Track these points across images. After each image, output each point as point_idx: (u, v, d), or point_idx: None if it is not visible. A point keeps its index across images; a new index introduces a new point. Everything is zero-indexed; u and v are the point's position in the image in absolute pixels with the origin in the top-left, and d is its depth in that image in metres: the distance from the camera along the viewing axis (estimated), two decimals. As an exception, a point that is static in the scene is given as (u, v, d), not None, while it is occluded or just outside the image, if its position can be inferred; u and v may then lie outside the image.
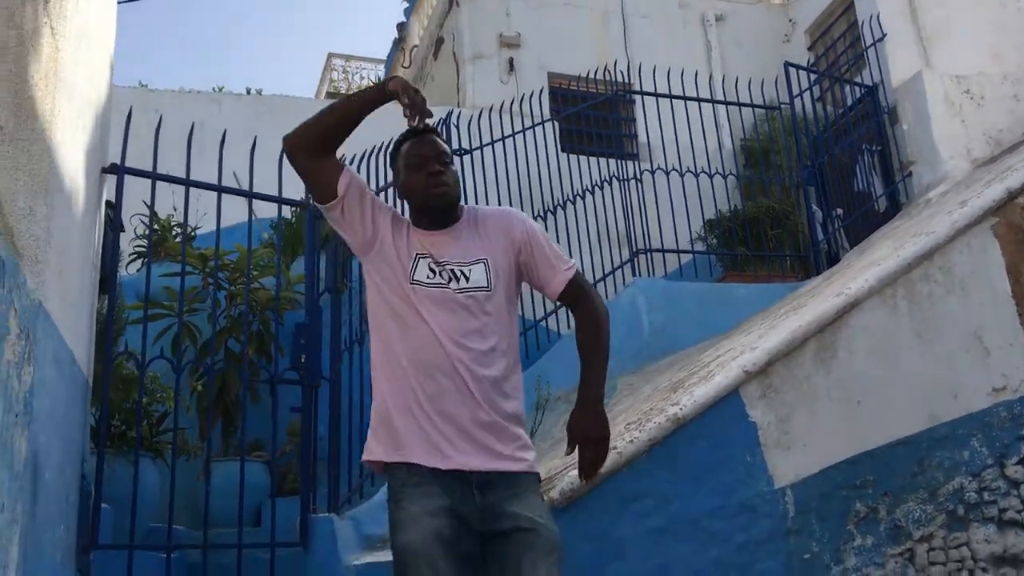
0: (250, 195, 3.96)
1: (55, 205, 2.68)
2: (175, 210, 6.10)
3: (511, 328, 2.46)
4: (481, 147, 6.70)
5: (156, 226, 6.19)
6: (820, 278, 6.42)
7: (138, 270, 6.49)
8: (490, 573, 2.24)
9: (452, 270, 2.35)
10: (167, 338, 5.16)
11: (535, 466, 2.40)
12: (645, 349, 6.63)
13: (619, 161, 7.74)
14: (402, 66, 11.60)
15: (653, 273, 7.35)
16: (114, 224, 3.69)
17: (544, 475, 4.03)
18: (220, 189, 3.88)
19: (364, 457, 2.43)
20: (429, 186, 2.37)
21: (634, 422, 4.09)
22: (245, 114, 8.57)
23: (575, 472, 3.79)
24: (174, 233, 6.50)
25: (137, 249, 6.44)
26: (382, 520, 4.23)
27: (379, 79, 14.49)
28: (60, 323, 2.77)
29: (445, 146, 2.46)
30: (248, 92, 9.31)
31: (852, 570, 4.00)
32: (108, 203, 3.66)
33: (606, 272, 7.08)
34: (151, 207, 3.83)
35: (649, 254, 7.32)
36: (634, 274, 7.22)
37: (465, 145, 6.79)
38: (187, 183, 3.77)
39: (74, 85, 2.95)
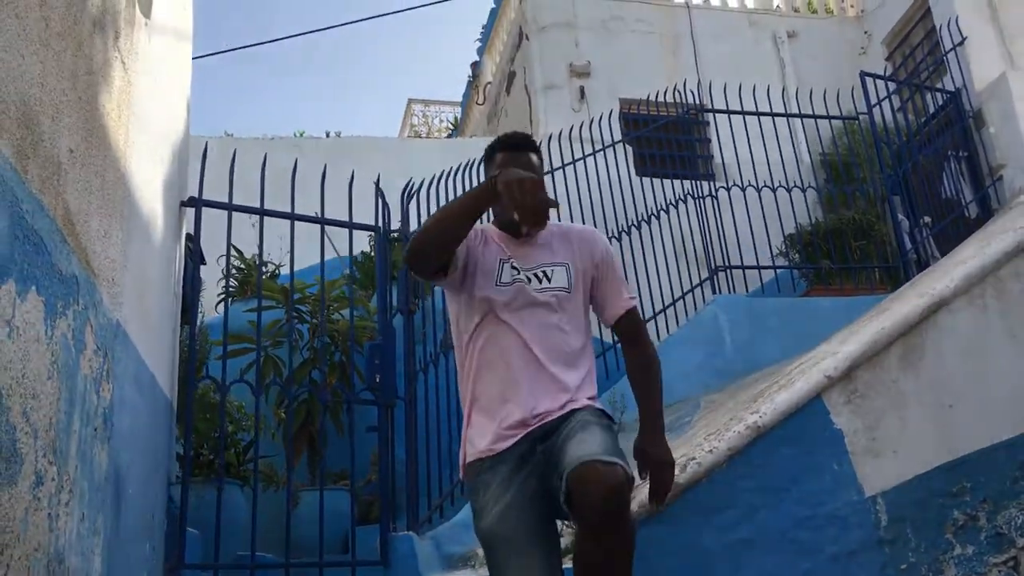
0: (322, 221, 4.05)
1: (131, 231, 2.79)
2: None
3: (586, 330, 2.57)
4: (552, 171, 6.72)
5: (241, 264, 6.37)
6: (907, 285, 6.24)
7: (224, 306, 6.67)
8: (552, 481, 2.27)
9: (536, 273, 2.46)
10: (252, 372, 5.28)
11: (593, 404, 2.49)
12: (728, 367, 6.53)
13: (693, 182, 7.68)
14: (476, 103, 11.76)
15: (733, 290, 7.25)
16: (194, 255, 3.81)
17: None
18: (293, 217, 3.98)
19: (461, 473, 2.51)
20: (536, 218, 2.38)
21: (713, 433, 4.01)
22: (325, 157, 8.78)
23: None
24: (264, 271, 6.68)
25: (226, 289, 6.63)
26: (462, 539, 4.23)
27: (456, 119, 14.71)
28: (140, 345, 2.87)
29: (537, 164, 2.54)
30: (327, 135, 9.56)
31: (953, 581, 3.82)
32: (188, 235, 3.79)
33: (684, 291, 6.99)
34: (228, 239, 3.96)
35: (728, 271, 7.22)
36: (713, 292, 7.13)
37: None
38: (261, 212, 3.88)
39: (148, 119, 3.07)
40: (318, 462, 5.35)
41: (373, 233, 4.53)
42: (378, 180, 4.48)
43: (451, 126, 15.09)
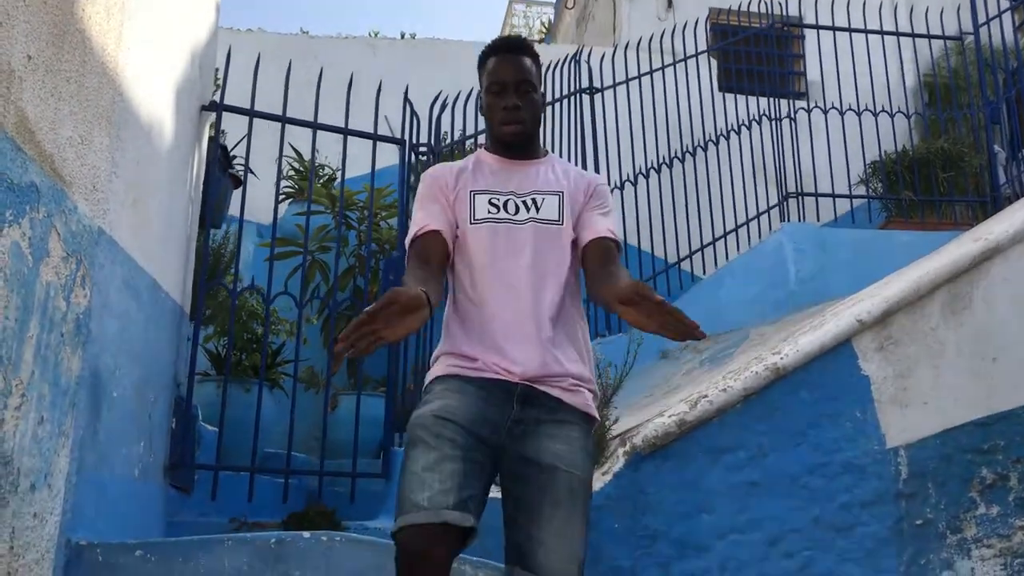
0: (345, 132, 4.00)
1: (124, 138, 2.79)
2: (317, 152, 6.33)
3: (575, 271, 2.26)
4: (627, 81, 6.46)
5: (300, 167, 6.40)
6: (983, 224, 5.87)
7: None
8: (504, 507, 2.12)
9: (524, 201, 2.22)
10: (298, 274, 5.34)
11: (588, 404, 2.20)
12: (790, 299, 6.30)
13: (780, 101, 7.28)
14: (566, 7, 11.43)
15: (804, 219, 6.96)
16: (220, 162, 3.83)
17: (627, 425, 3.91)
18: (315, 126, 3.95)
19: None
20: (503, 121, 2.24)
21: (733, 371, 3.88)
22: (401, 59, 8.69)
23: (660, 419, 3.66)
24: (320, 176, 6.71)
25: (285, 190, 6.69)
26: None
27: (550, 22, 14.35)
28: (135, 251, 2.90)
29: (531, 69, 2.26)
30: (402, 36, 9.43)
31: (971, 540, 3.66)
32: (217, 139, 3.80)
33: (749, 216, 6.74)
34: (248, 144, 3.95)
35: (801, 198, 6.92)
36: (782, 219, 6.85)
37: (610, 80, 6.58)
38: (283, 120, 3.86)
39: (154, 22, 3.04)
40: (357, 367, 5.43)
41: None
42: (406, 91, 4.39)
43: (544, 30, 14.74)
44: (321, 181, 6.49)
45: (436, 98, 4.42)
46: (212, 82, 3.83)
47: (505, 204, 2.23)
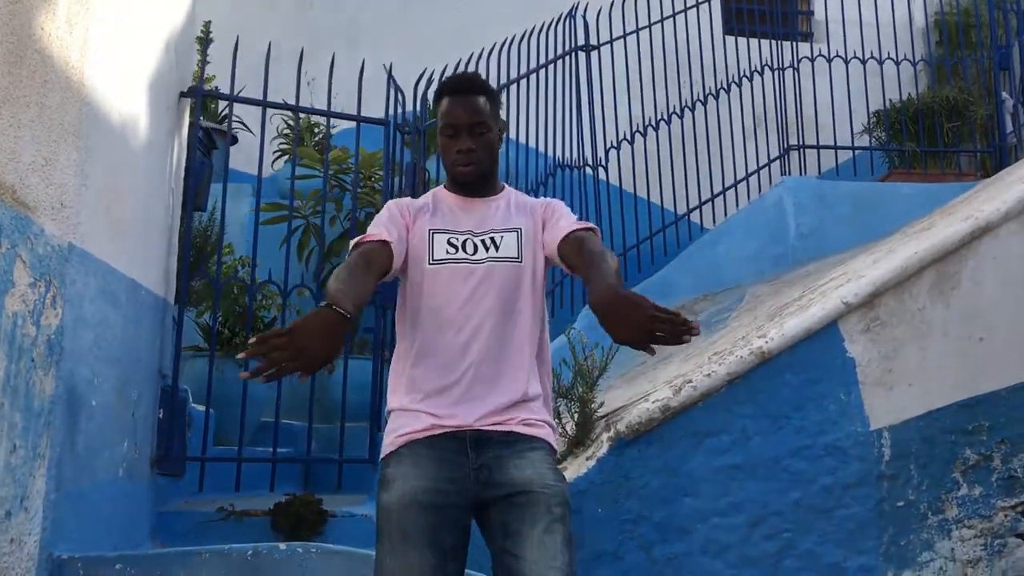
0: (328, 114, 3.96)
1: (95, 146, 2.77)
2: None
3: (537, 311, 2.23)
4: (637, 30, 6.30)
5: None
6: (993, 179, 5.78)
7: (280, 169, 6.70)
8: (493, 538, 2.14)
9: (483, 240, 2.20)
10: (293, 240, 5.32)
11: (548, 437, 2.19)
12: (789, 254, 6.25)
13: (781, 44, 7.09)
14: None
15: (805, 171, 6.87)
16: (203, 143, 3.80)
17: (612, 407, 3.94)
18: (297, 109, 3.90)
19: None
20: (457, 163, 2.23)
21: (719, 353, 3.88)
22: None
23: (644, 404, 3.68)
24: (316, 133, 6.64)
25: (281, 147, 6.65)
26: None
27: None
28: (111, 256, 2.91)
29: (485, 108, 2.23)
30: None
31: (952, 521, 3.70)
32: (196, 125, 3.76)
33: (749, 171, 6.65)
34: (228, 131, 3.91)
35: (802, 151, 6.82)
36: (782, 173, 6.77)
37: (616, 32, 6.41)
38: (264, 104, 3.81)
39: (122, 21, 3.00)
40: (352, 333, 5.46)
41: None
42: (390, 68, 4.30)
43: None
44: (316, 139, 6.43)
45: (421, 75, 4.34)
46: (193, 65, 3.77)
47: (464, 244, 2.21)
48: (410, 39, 7.36)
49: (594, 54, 5.95)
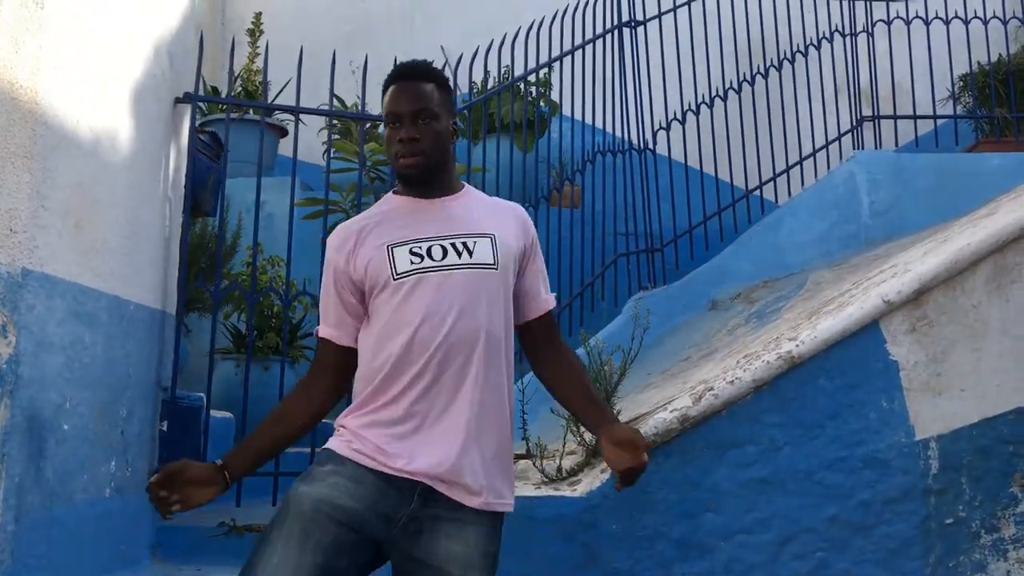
0: (330, 114, 3.82)
1: (56, 166, 2.70)
2: (358, 98, 6.15)
3: (511, 324, 2.08)
4: (674, 9, 5.96)
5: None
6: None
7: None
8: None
9: (453, 243, 2.00)
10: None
11: (498, 504, 2.01)
12: (861, 234, 5.85)
13: (854, 6, 6.58)
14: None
15: (880, 144, 6.41)
16: (209, 148, 3.73)
17: (636, 413, 3.70)
18: (298, 111, 3.78)
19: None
20: (398, 155, 2.02)
21: (748, 355, 3.60)
22: None
23: (662, 414, 3.44)
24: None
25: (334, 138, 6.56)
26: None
27: None
28: (83, 275, 2.85)
29: (432, 95, 2.04)
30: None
31: (1009, 541, 3.35)
32: (200, 130, 3.69)
33: (817, 147, 6.22)
34: (226, 139, 3.79)
35: (877, 121, 6.35)
36: (854, 146, 6.33)
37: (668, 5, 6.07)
38: (265, 106, 3.71)
39: (89, 34, 2.91)
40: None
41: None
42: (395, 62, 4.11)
43: None
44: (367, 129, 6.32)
45: (458, 60, 4.16)
46: (193, 67, 3.68)
47: (429, 251, 2.00)
48: (466, 21, 7.16)
49: (641, 29, 5.63)
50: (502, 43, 4.84)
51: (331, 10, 7.71)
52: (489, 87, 5.46)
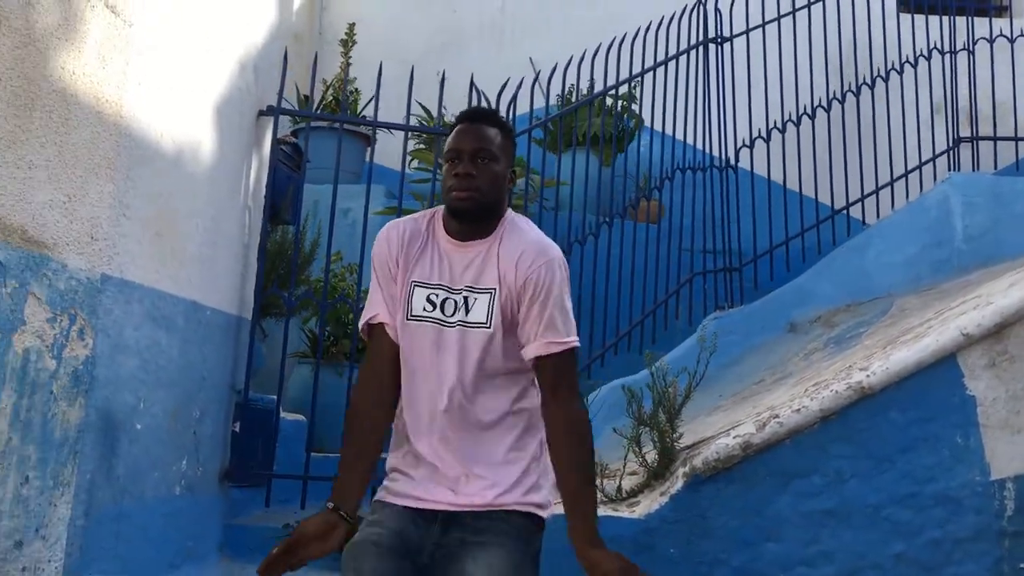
0: (407, 128, 3.88)
1: (138, 177, 2.83)
2: (445, 109, 6.23)
3: (514, 370, 2.06)
4: (794, 11, 5.81)
5: (425, 121, 6.34)
6: None
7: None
8: None
9: (456, 299, 2.03)
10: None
11: (525, 506, 2.02)
12: (953, 259, 5.64)
13: (954, 22, 6.37)
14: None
15: (978, 166, 6.18)
16: (290, 159, 3.84)
17: (700, 437, 3.65)
18: (375, 124, 3.86)
19: None
20: (451, 188, 2.03)
21: (818, 384, 3.52)
22: None
23: (724, 440, 3.39)
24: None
25: (417, 147, 6.67)
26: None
27: None
28: (161, 282, 2.97)
29: (495, 139, 2.07)
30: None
31: (1089, 591, 3.19)
32: (282, 141, 3.80)
33: (909, 168, 6.02)
34: (305, 147, 3.87)
35: (975, 143, 6.13)
36: (950, 168, 6.12)
37: (755, 20, 5.98)
38: (341, 120, 3.79)
39: (177, 51, 3.04)
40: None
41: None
42: (472, 78, 4.16)
43: None
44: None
45: (504, 85, 4.18)
46: (277, 81, 3.80)
47: (443, 304, 2.04)
48: (556, 33, 7.18)
49: (727, 45, 5.56)
50: (582, 58, 4.85)
51: (424, 21, 7.83)
52: (574, 100, 5.47)
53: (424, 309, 2.03)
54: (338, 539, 1.92)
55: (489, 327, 2.01)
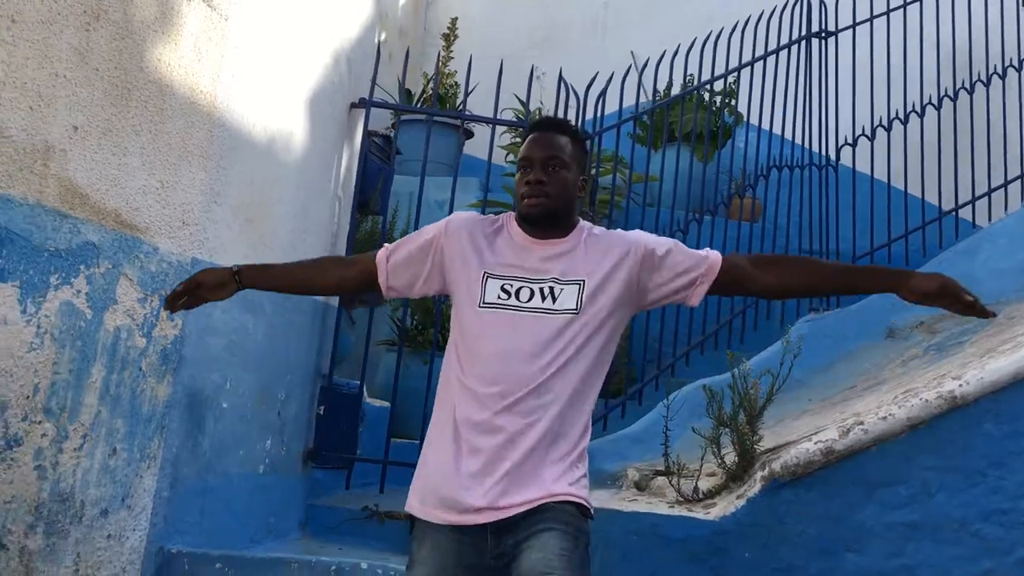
0: (494, 122, 3.90)
1: (230, 165, 2.94)
2: (542, 104, 6.24)
3: (590, 364, 2.08)
4: (905, 5, 5.60)
5: (521, 116, 6.37)
6: None
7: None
8: None
9: (541, 288, 2.08)
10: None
11: (568, 494, 2.04)
12: (1063, 265, 5.36)
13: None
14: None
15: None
16: (381, 150, 3.92)
17: (782, 440, 3.56)
18: (463, 116, 3.89)
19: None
20: (523, 195, 2.12)
21: (909, 391, 3.40)
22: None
23: (805, 444, 3.31)
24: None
25: (513, 141, 6.71)
26: (625, 454, 4.12)
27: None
28: (253, 266, 3.06)
29: (566, 147, 2.13)
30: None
31: None
32: (373, 133, 3.88)
33: (1008, 179, 5.71)
34: (394, 139, 3.93)
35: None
36: (1071, 172, 5.80)
37: (863, 15, 5.79)
38: (430, 113, 3.84)
39: (270, 47, 3.14)
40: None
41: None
42: (560, 72, 4.14)
43: None
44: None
45: (591, 81, 4.15)
46: (370, 72, 3.88)
47: (518, 292, 2.08)
48: (658, 27, 7.11)
49: (832, 40, 5.41)
50: (676, 52, 4.79)
51: (526, 16, 7.86)
52: (673, 95, 5.41)
53: (498, 297, 2.07)
54: (228, 293, 2.12)
55: (578, 312, 2.04)
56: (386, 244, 2.19)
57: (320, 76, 3.52)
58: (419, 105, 5.60)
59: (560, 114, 3.92)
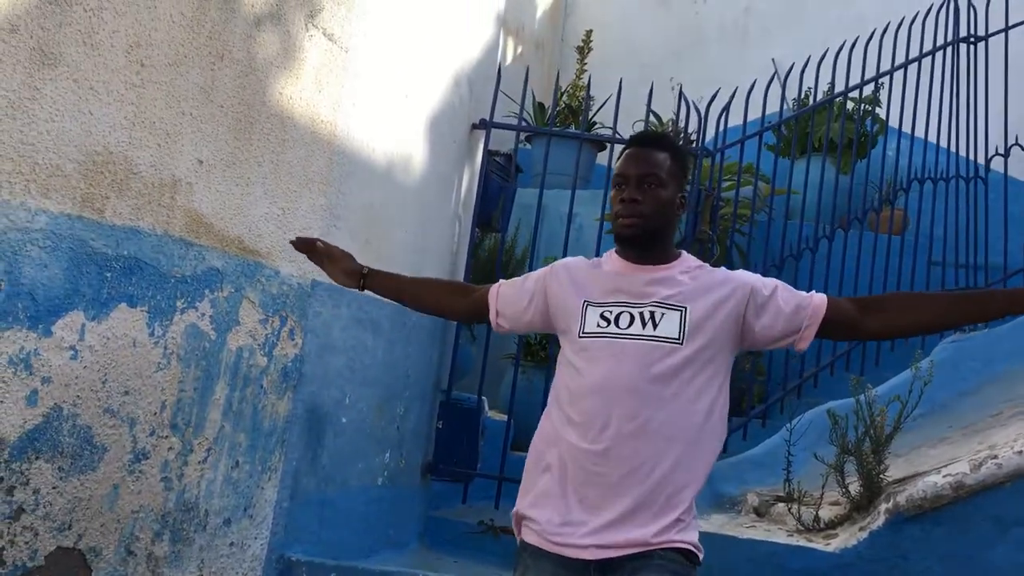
0: (612, 140, 3.89)
1: (349, 190, 3.06)
2: (674, 116, 6.18)
3: (699, 398, 2.01)
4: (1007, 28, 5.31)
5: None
6: None
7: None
8: None
9: (641, 313, 2.02)
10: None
11: (674, 542, 1.97)
12: None
13: None
14: None
15: None
16: (503, 170, 3.99)
17: (911, 471, 3.39)
18: (582, 137, 3.91)
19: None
20: (618, 214, 2.06)
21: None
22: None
23: (933, 477, 3.15)
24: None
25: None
26: (744, 478, 4.02)
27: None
28: (368, 288, 3.19)
29: (663, 163, 2.07)
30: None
31: None
32: (494, 152, 3.95)
33: None
34: (515, 152, 3.94)
35: None
36: None
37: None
38: (549, 133, 3.88)
39: (390, 74, 3.25)
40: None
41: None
42: (680, 87, 4.09)
43: None
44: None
45: (714, 96, 4.04)
46: (490, 94, 3.95)
47: (618, 318, 2.03)
48: (801, 33, 6.90)
49: (981, 45, 5.12)
50: (821, 59, 4.64)
51: (664, 25, 7.78)
52: (811, 103, 5.25)
53: (598, 325, 2.03)
54: (348, 284, 2.34)
55: (680, 343, 1.99)
56: (502, 279, 2.23)
57: (440, 99, 3.61)
58: (550, 119, 5.65)
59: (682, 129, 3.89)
